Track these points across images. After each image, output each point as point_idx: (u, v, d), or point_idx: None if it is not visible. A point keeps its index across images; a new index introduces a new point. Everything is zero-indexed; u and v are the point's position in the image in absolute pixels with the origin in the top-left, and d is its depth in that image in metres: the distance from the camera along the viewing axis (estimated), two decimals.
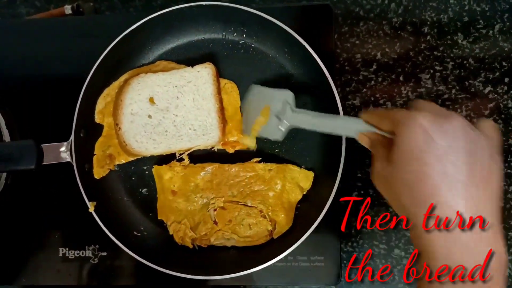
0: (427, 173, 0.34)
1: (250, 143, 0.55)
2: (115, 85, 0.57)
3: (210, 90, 0.54)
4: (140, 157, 0.56)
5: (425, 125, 0.34)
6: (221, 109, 0.55)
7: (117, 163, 0.57)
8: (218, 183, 0.55)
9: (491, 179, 0.34)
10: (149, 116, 0.54)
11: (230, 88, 0.57)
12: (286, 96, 0.50)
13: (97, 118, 0.56)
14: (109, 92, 0.56)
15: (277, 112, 0.50)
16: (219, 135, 0.54)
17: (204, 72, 0.54)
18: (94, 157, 0.56)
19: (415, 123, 0.34)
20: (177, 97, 0.54)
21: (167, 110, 0.54)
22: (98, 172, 0.56)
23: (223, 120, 0.55)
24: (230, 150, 0.56)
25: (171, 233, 0.55)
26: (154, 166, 0.56)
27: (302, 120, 0.48)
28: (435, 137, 0.34)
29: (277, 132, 0.50)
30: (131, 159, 0.56)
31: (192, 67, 0.55)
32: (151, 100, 0.54)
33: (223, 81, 0.57)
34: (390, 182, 0.37)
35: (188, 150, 0.55)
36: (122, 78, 0.57)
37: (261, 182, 0.55)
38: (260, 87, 0.53)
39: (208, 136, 0.54)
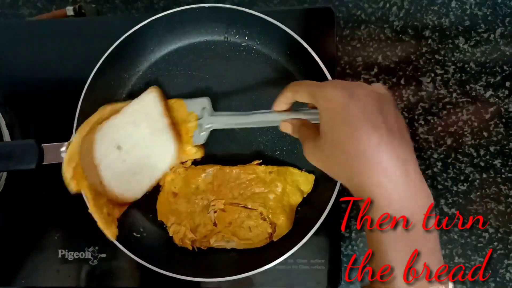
0: (354, 136, 0.35)
1: (195, 153, 0.57)
2: (74, 146, 0.53)
3: (159, 109, 0.54)
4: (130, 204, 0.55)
5: (340, 92, 0.36)
6: (172, 123, 0.54)
7: (116, 217, 0.54)
8: (218, 185, 0.55)
9: (404, 126, 0.37)
10: (123, 162, 0.53)
11: (177, 106, 0.56)
12: (203, 102, 0.54)
13: (73, 188, 0.52)
14: (71, 156, 0.52)
15: (199, 118, 0.54)
16: (177, 144, 0.54)
17: (151, 97, 0.55)
18: (98, 223, 0.52)
19: (333, 89, 0.37)
20: (134, 131, 0.54)
21: (133, 147, 0.53)
22: (112, 232, 0.52)
23: (176, 131, 0.54)
24: (186, 163, 0.57)
25: (171, 234, 0.55)
26: None
27: (221, 121, 0.53)
28: (350, 102, 0.36)
29: (199, 137, 0.54)
30: (125, 208, 0.55)
31: (137, 98, 0.55)
32: (119, 147, 0.53)
33: (170, 101, 0.57)
34: (324, 157, 0.39)
35: (166, 171, 0.56)
36: (78, 138, 0.53)
37: (261, 185, 0.54)
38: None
39: (170, 152, 0.54)
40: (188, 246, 0.54)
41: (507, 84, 0.60)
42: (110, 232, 0.52)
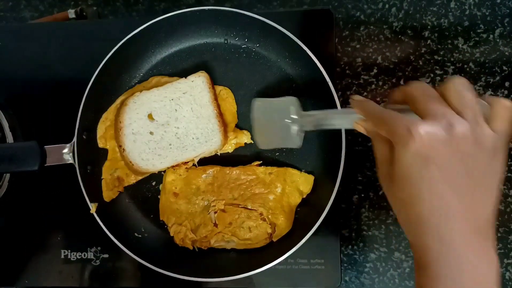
0: (420, 198, 0.33)
1: (247, 139, 0.57)
2: (112, 108, 0.57)
3: (207, 97, 0.55)
4: (148, 175, 0.57)
5: (420, 148, 0.32)
6: (220, 114, 0.56)
7: (126, 184, 0.57)
8: (219, 185, 0.55)
9: (488, 193, 0.34)
10: (151, 133, 0.54)
11: (225, 94, 0.58)
12: (292, 102, 0.49)
13: (100, 143, 0.57)
14: (107, 116, 0.57)
15: (291, 120, 0.48)
16: (222, 139, 0.55)
17: (199, 81, 0.55)
18: (103, 181, 0.56)
19: (409, 148, 0.32)
20: (175, 110, 0.55)
21: (167, 124, 0.55)
22: (108, 195, 0.56)
23: (223, 124, 0.56)
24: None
25: (172, 234, 0.55)
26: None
27: (312, 121, 0.47)
28: (432, 163, 0.32)
29: (296, 140, 0.48)
30: (140, 178, 0.57)
31: (185, 77, 0.55)
32: (150, 117, 0.55)
33: (218, 88, 0.58)
34: (390, 192, 0.37)
35: (193, 159, 0.56)
36: (118, 101, 0.57)
37: (261, 186, 0.55)
38: (262, 99, 0.52)
39: (211, 142, 0.55)
40: (189, 246, 0.55)
41: (507, 84, 0.60)
42: (106, 195, 0.56)
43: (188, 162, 0.56)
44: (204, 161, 0.57)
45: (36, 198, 0.61)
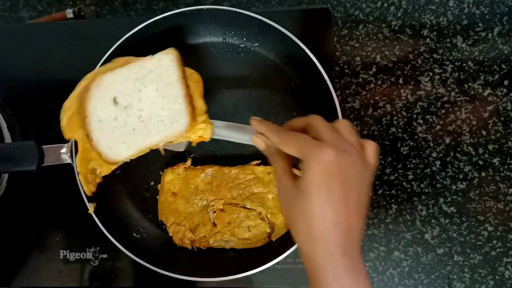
0: (324, 212, 0.36)
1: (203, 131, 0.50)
2: (75, 94, 0.52)
3: (175, 76, 0.49)
4: (119, 165, 0.52)
5: (328, 164, 0.36)
6: (188, 95, 0.49)
7: (102, 175, 0.52)
8: (217, 185, 0.55)
9: (363, 208, 0.38)
10: (115, 119, 0.49)
11: (195, 78, 0.51)
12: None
13: (66, 135, 0.51)
14: (69, 105, 0.52)
15: None
16: (189, 119, 0.48)
17: (166, 59, 0.49)
18: (80, 175, 0.52)
19: (321, 162, 0.36)
20: (139, 90, 0.49)
21: (130, 106, 0.49)
22: (89, 189, 0.52)
23: (191, 104, 0.49)
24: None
25: (170, 234, 0.55)
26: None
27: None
28: (334, 174, 0.36)
29: (182, 143, 0.50)
30: (113, 168, 0.52)
31: (152, 55, 0.50)
32: (115, 101, 0.49)
33: (189, 71, 0.52)
34: (293, 203, 0.39)
35: (158, 145, 0.49)
36: (81, 86, 0.52)
37: (260, 185, 0.55)
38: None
39: (177, 124, 0.48)
40: (188, 246, 0.54)
41: (506, 82, 0.60)
42: (87, 188, 0.52)
43: (185, 163, 0.56)
44: (203, 161, 0.57)
45: (35, 198, 0.61)
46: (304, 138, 0.39)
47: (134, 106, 0.49)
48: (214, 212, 0.54)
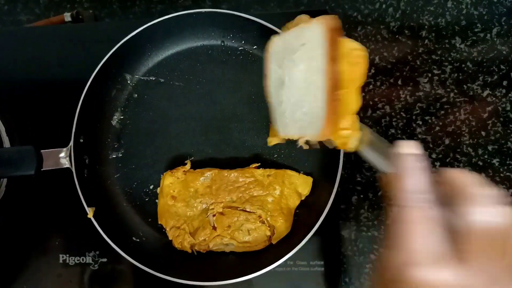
0: None
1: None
2: None
3: (319, 60, 0.36)
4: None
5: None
6: (334, 87, 0.35)
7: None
8: (217, 188, 0.55)
9: None
10: (277, 92, 0.41)
11: (356, 57, 0.37)
12: None
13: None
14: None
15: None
16: (324, 124, 0.36)
17: (317, 30, 0.36)
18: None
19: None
20: (290, 66, 0.39)
21: (283, 84, 0.40)
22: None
23: (334, 102, 0.36)
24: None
25: (170, 238, 0.55)
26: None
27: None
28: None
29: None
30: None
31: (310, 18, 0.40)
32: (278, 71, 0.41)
33: (350, 45, 0.37)
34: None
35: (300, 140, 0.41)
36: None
37: (260, 188, 0.55)
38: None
39: (312, 126, 0.38)
40: (188, 249, 0.54)
41: (504, 83, 0.60)
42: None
43: (184, 167, 0.56)
44: (202, 164, 0.57)
45: (34, 203, 0.61)
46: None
47: (286, 85, 0.40)
48: (214, 215, 0.54)
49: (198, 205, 0.55)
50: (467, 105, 0.60)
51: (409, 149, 0.32)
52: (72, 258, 0.59)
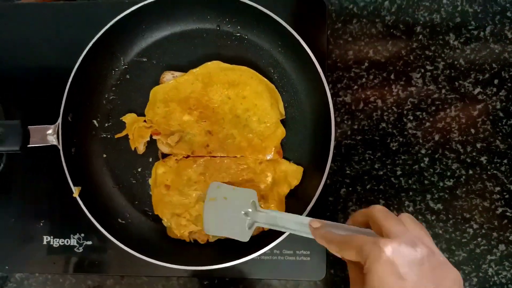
0: None
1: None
2: None
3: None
4: None
5: (394, 261, 0.33)
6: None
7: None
8: (210, 175, 0.55)
9: None
10: None
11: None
12: (252, 195, 0.50)
13: None
14: None
15: (246, 212, 0.50)
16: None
17: None
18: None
19: (383, 260, 0.33)
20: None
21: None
22: None
23: None
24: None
25: (173, 227, 0.54)
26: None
27: (265, 219, 0.48)
28: (404, 274, 0.33)
29: (246, 233, 0.50)
30: None
31: None
32: None
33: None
34: None
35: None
36: None
37: (252, 175, 0.54)
38: (223, 185, 0.52)
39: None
40: (186, 238, 0.54)
41: (496, 81, 0.60)
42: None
43: (176, 155, 0.56)
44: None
45: (19, 183, 0.60)
46: (359, 238, 0.35)
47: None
48: None
49: (193, 193, 0.55)
50: (458, 102, 0.60)
51: (311, 230, 0.42)
52: (56, 240, 0.58)
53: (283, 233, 0.50)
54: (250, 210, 0.49)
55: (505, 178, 0.59)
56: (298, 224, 0.45)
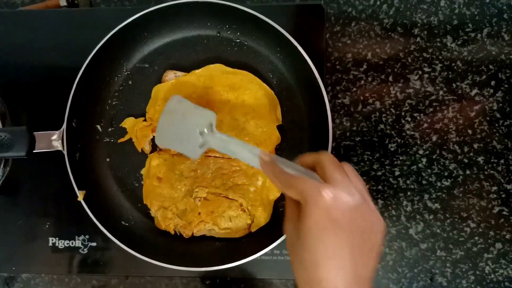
0: (324, 260, 0.34)
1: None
2: None
3: None
4: None
5: (331, 206, 0.35)
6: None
7: None
8: (203, 173, 0.56)
9: (374, 254, 0.36)
10: None
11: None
12: (210, 117, 0.49)
13: None
14: None
15: (201, 132, 0.48)
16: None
17: None
18: None
19: (320, 204, 0.35)
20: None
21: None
22: None
23: None
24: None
25: (157, 218, 0.55)
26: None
27: (219, 144, 0.48)
28: (337, 219, 0.34)
29: (197, 151, 0.49)
30: None
31: None
32: None
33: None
34: (294, 251, 0.37)
35: None
36: None
37: (243, 177, 0.56)
38: (184, 99, 0.51)
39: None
40: (171, 230, 0.55)
41: (492, 83, 0.61)
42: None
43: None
44: None
45: (25, 186, 0.61)
46: (303, 181, 0.37)
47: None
48: (199, 200, 0.55)
49: (183, 187, 0.56)
50: (455, 104, 0.61)
51: (260, 162, 0.43)
52: (61, 242, 0.60)
53: (282, 234, 0.51)
54: (206, 130, 0.48)
55: (501, 178, 0.60)
56: (250, 153, 0.44)
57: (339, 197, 0.35)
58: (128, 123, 0.58)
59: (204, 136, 0.48)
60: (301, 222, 0.36)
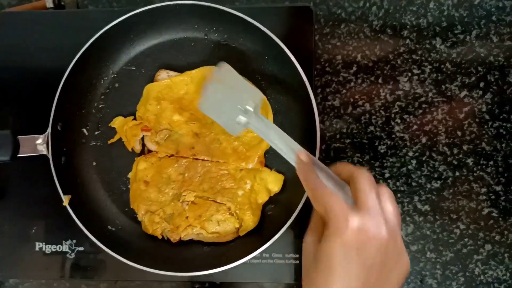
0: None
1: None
2: None
3: None
4: None
5: (351, 240, 0.33)
6: None
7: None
8: (190, 176, 0.55)
9: None
10: None
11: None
12: (259, 97, 0.47)
13: None
14: None
15: (246, 110, 0.46)
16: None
17: None
18: None
19: (342, 235, 0.33)
20: None
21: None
22: None
23: None
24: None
25: (146, 222, 0.55)
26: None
27: (261, 126, 0.46)
28: (356, 254, 0.33)
29: (236, 128, 0.47)
30: None
31: None
32: None
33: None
34: (307, 268, 0.37)
35: None
36: None
37: (232, 181, 0.55)
38: (233, 70, 0.49)
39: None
40: (158, 235, 0.55)
41: (481, 84, 0.61)
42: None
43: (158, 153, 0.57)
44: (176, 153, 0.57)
45: (11, 190, 0.60)
46: (333, 200, 0.35)
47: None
48: (187, 204, 0.55)
49: (170, 191, 0.55)
50: (444, 105, 0.61)
51: (297, 160, 0.41)
52: (48, 246, 0.59)
53: (271, 238, 0.50)
54: (251, 109, 0.45)
55: (491, 180, 0.60)
56: (288, 147, 0.43)
57: (364, 229, 0.33)
58: (117, 122, 0.58)
59: (248, 115, 0.45)
60: (321, 242, 0.34)
